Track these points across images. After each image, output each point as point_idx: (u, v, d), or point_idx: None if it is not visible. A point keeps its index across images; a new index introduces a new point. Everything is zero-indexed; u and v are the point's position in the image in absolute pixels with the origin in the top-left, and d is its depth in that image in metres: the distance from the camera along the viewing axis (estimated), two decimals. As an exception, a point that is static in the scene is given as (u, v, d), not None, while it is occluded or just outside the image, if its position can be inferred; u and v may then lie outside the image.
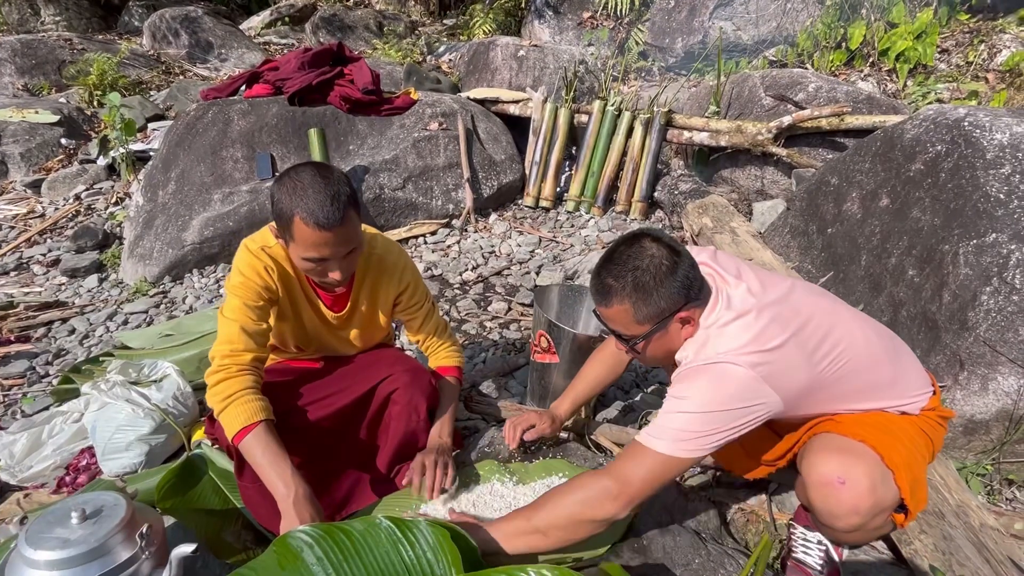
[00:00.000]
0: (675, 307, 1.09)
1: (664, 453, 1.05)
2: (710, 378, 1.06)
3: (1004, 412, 1.55)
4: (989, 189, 1.78)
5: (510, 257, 3.15)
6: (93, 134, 4.67)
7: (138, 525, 1.15)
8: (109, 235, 3.39)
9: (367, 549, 1.03)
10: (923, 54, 4.56)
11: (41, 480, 1.75)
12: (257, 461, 1.19)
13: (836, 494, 1.07)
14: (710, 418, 1.04)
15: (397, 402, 1.39)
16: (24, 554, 1.06)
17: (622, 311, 1.10)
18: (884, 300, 1.99)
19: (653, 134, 3.56)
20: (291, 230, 1.19)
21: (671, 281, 1.08)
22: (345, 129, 3.49)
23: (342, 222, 1.17)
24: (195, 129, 3.38)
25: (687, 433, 1.05)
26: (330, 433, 1.43)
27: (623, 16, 6.08)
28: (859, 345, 1.16)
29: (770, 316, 1.09)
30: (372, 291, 1.45)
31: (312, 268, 1.24)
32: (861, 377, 1.15)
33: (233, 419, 1.20)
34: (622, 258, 1.10)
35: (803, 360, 1.09)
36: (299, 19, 8.14)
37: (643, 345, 1.14)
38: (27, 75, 5.82)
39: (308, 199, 1.15)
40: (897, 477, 1.07)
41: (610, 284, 1.10)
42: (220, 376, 1.24)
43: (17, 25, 7.94)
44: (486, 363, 2.20)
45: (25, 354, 2.38)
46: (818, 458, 1.08)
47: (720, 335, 1.09)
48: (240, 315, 1.28)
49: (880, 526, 1.12)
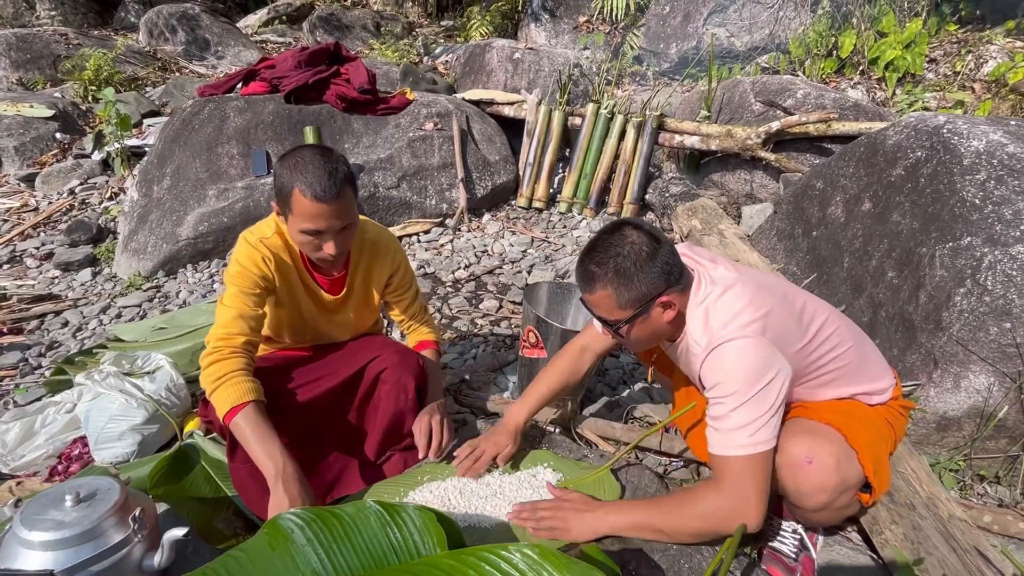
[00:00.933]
0: (656, 292, 1.14)
1: (750, 454, 1.07)
2: (734, 363, 1.09)
3: (975, 409, 1.61)
4: (965, 194, 1.84)
5: (502, 256, 3.19)
6: (88, 129, 4.68)
7: (131, 509, 1.18)
8: (103, 230, 3.40)
9: (356, 531, 1.07)
10: (912, 63, 4.65)
11: (33, 468, 1.77)
12: (247, 439, 1.23)
13: (804, 473, 1.12)
14: (759, 397, 1.07)
15: (386, 381, 1.43)
16: (19, 535, 1.08)
17: (605, 296, 1.14)
18: (864, 301, 2.05)
19: (645, 137, 3.61)
20: (290, 203, 1.25)
21: (651, 266, 1.12)
22: (341, 128, 3.52)
23: (338, 196, 1.25)
24: (191, 125, 3.40)
25: (755, 424, 1.07)
26: (319, 415, 1.46)
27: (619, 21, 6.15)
28: (834, 317, 1.26)
29: (754, 284, 1.17)
30: (366, 273, 1.52)
31: (308, 241, 1.30)
32: (839, 359, 1.22)
33: (224, 399, 1.24)
34: (604, 246, 1.15)
35: (794, 323, 1.18)
36: (296, 18, 8.16)
37: (627, 329, 1.18)
38: (22, 69, 5.82)
39: (308, 173, 1.23)
40: (860, 456, 1.13)
41: (593, 271, 1.14)
42: (213, 358, 1.28)
43: (12, 19, 7.92)
44: (476, 359, 2.23)
45: (18, 346, 2.40)
46: (787, 441, 1.13)
47: (717, 307, 1.14)
48: (236, 302, 1.33)
49: (847, 504, 1.17)
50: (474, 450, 1.38)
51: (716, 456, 1.12)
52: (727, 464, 1.10)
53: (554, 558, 0.83)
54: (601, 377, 2.13)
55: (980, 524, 1.48)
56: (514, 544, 0.87)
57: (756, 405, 1.08)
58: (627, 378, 2.14)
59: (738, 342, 1.09)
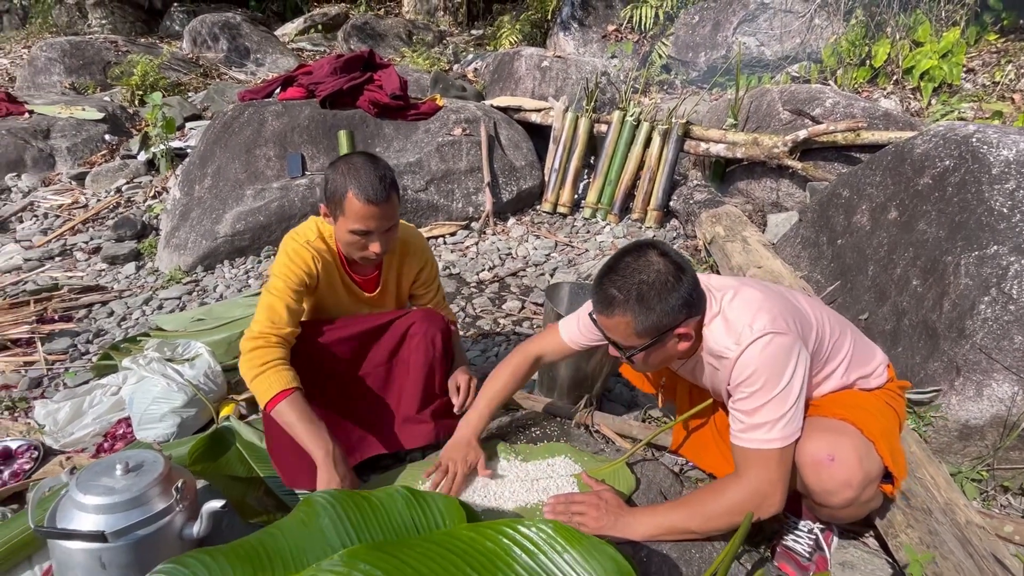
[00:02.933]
0: (675, 323, 1.13)
1: (778, 447, 1.11)
2: (765, 358, 1.11)
3: (998, 418, 1.59)
4: (993, 203, 1.83)
5: (526, 259, 3.24)
6: (135, 131, 4.91)
7: (174, 480, 1.27)
8: (147, 226, 3.57)
9: (384, 512, 1.13)
10: (948, 73, 4.57)
11: (81, 446, 1.88)
12: (293, 425, 1.31)
13: (828, 471, 1.13)
14: (786, 392, 1.11)
15: (415, 335, 1.53)
16: (74, 498, 1.18)
17: (623, 323, 1.12)
18: (888, 309, 2.04)
19: (670, 145, 3.63)
20: (343, 205, 1.36)
21: (674, 297, 1.10)
22: (373, 132, 3.64)
23: (387, 199, 1.36)
24: (231, 128, 3.56)
25: (782, 418, 1.10)
26: (349, 369, 1.55)
27: (647, 30, 6.18)
28: (824, 310, 1.31)
29: (756, 284, 1.21)
30: (399, 270, 1.63)
31: (355, 241, 1.40)
32: (838, 339, 1.27)
33: (268, 385, 1.33)
34: (627, 270, 1.12)
35: (803, 316, 1.21)
36: (332, 27, 8.41)
37: (640, 356, 1.18)
38: (75, 74, 6.14)
39: (360, 178, 1.34)
40: (878, 447, 1.15)
41: (613, 295, 1.12)
42: (256, 344, 1.36)
43: (66, 27, 8.35)
44: (498, 356, 2.29)
45: (68, 332, 2.54)
46: (806, 441, 1.15)
47: (733, 309, 1.16)
48: (283, 295, 1.42)
49: (871, 498, 1.18)
50: (446, 472, 1.34)
51: (741, 448, 1.14)
52: (753, 456, 1.13)
53: (567, 533, 0.87)
54: (618, 377, 2.16)
55: (1001, 534, 1.47)
56: (531, 520, 0.92)
57: (783, 400, 1.11)
58: (646, 379, 2.16)
59: (767, 338, 1.11)
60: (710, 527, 1.15)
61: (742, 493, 1.12)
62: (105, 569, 1.16)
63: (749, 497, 1.12)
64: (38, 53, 6.15)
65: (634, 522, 1.18)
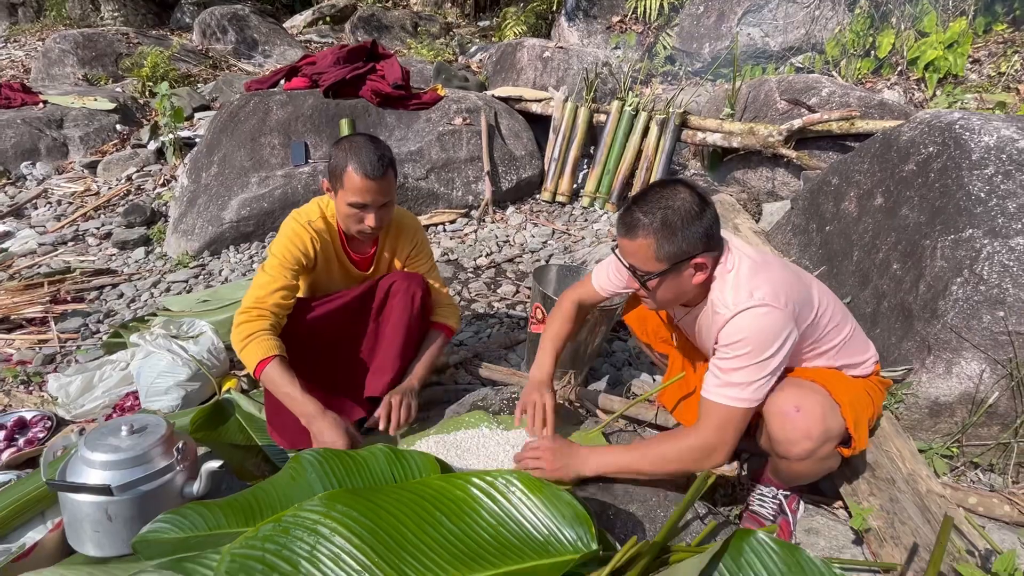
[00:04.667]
0: (694, 251, 1.18)
1: (744, 408, 1.18)
2: (756, 327, 1.16)
3: (967, 395, 1.64)
4: (971, 188, 1.87)
5: (523, 246, 3.31)
6: (145, 121, 5.02)
7: (175, 442, 1.36)
8: (156, 213, 3.68)
9: (366, 467, 1.21)
10: (953, 64, 4.54)
11: (92, 417, 1.98)
12: (279, 386, 1.42)
13: (792, 420, 1.20)
14: (767, 362, 1.17)
15: (396, 292, 1.62)
16: (84, 455, 1.27)
17: (645, 245, 1.18)
18: (869, 292, 2.09)
19: (668, 134, 3.68)
20: (342, 179, 1.46)
21: (696, 226, 1.17)
22: (375, 121, 3.71)
23: (383, 175, 1.46)
24: (237, 117, 3.65)
25: (755, 383, 1.18)
26: (341, 333, 1.65)
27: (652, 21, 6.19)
28: (830, 299, 1.36)
29: (777, 262, 1.27)
30: (392, 249, 1.72)
31: (353, 214, 1.49)
32: (836, 328, 1.33)
33: (252, 354, 1.43)
34: (655, 196, 1.19)
35: (808, 300, 1.27)
36: (340, 18, 8.47)
37: (656, 283, 1.23)
38: (87, 66, 6.26)
39: (360, 154, 1.44)
40: (843, 410, 1.23)
41: (639, 218, 1.17)
42: (244, 318, 1.46)
43: (79, 19, 8.48)
44: (491, 337, 2.36)
45: (80, 312, 2.65)
46: (777, 394, 1.23)
47: (745, 275, 1.21)
48: (276, 272, 1.52)
49: (828, 456, 1.25)
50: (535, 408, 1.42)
51: (710, 402, 1.21)
52: (715, 410, 1.20)
53: (529, 482, 0.95)
54: (607, 358, 2.23)
55: (965, 505, 1.52)
56: (504, 471, 0.99)
57: (761, 368, 1.18)
58: (632, 360, 2.23)
59: (764, 309, 1.17)
60: (658, 470, 1.22)
61: (694, 442, 1.20)
62: (111, 521, 1.25)
63: (700, 447, 1.19)
64: (52, 45, 6.27)
65: (588, 458, 1.26)
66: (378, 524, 0.87)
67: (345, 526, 0.86)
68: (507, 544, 0.89)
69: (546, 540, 0.89)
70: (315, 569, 0.82)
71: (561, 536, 0.90)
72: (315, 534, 0.84)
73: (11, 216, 3.80)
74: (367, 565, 0.82)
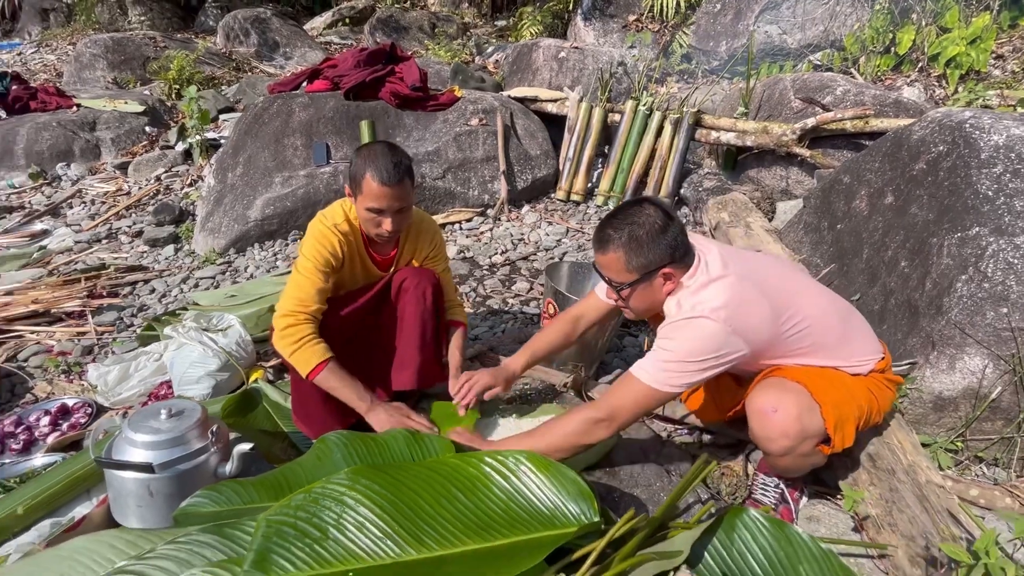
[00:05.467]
0: (661, 262, 1.29)
1: (648, 385, 1.25)
2: (691, 330, 1.24)
3: (970, 390, 1.68)
4: (980, 186, 1.89)
5: (537, 244, 3.38)
6: (172, 123, 5.19)
7: (210, 425, 1.46)
8: (184, 212, 3.82)
9: (387, 449, 1.30)
10: (976, 60, 4.48)
11: (128, 404, 2.11)
12: (337, 388, 1.54)
13: (770, 420, 1.27)
14: (688, 364, 1.24)
15: (407, 289, 1.71)
16: (127, 436, 1.37)
17: (616, 259, 1.29)
18: (878, 290, 2.12)
19: (681, 133, 3.71)
20: (361, 185, 1.55)
21: (661, 239, 1.27)
22: (393, 122, 3.81)
23: (400, 182, 1.54)
24: (261, 119, 3.77)
25: (668, 374, 1.25)
26: (361, 327, 1.75)
27: (669, 19, 6.20)
28: (816, 311, 1.36)
29: (745, 280, 1.29)
30: (412, 251, 1.81)
31: (371, 218, 1.58)
32: (813, 338, 1.34)
33: (306, 359, 1.54)
34: (623, 214, 1.30)
35: (771, 318, 1.29)
36: (359, 20, 8.61)
37: (628, 293, 1.33)
38: (116, 69, 6.47)
39: (378, 163, 1.53)
40: (823, 411, 1.26)
41: (609, 234, 1.30)
42: (289, 321, 1.55)
43: (108, 24, 8.75)
44: (505, 331, 2.44)
45: (115, 307, 2.79)
46: (757, 393, 1.28)
47: (701, 293, 1.27)
48: (312, 275, 1.60)
49: (809, 453, 1.30)
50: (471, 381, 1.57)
51: (627, 374, 1.29)
52: (623, 382, 1.28)
53: (538, 461, 1.02)
54: (618, 353, 2.30)
55: (967, 497, 1.56)
56: (513, 451, 1.07)
57: (683, 366, 1.24)
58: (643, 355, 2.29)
59: (701, 321, 1.23)
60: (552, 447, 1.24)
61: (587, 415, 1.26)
62: (152, 497, 1.35)
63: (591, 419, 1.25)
64: (83, 49, 6.50)
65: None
66: (398, 496, 0.95)
67: (368, 498, 0.94)
68: (516, 517, 0.96)
69: (552, 513, 0.97)
70: (342, 535, 0.90)
71: (566, 510, 0.97)
72: (341, 504, 0.93)
73: (48, 215, 3.98)
74: (388, 532, 0.90)
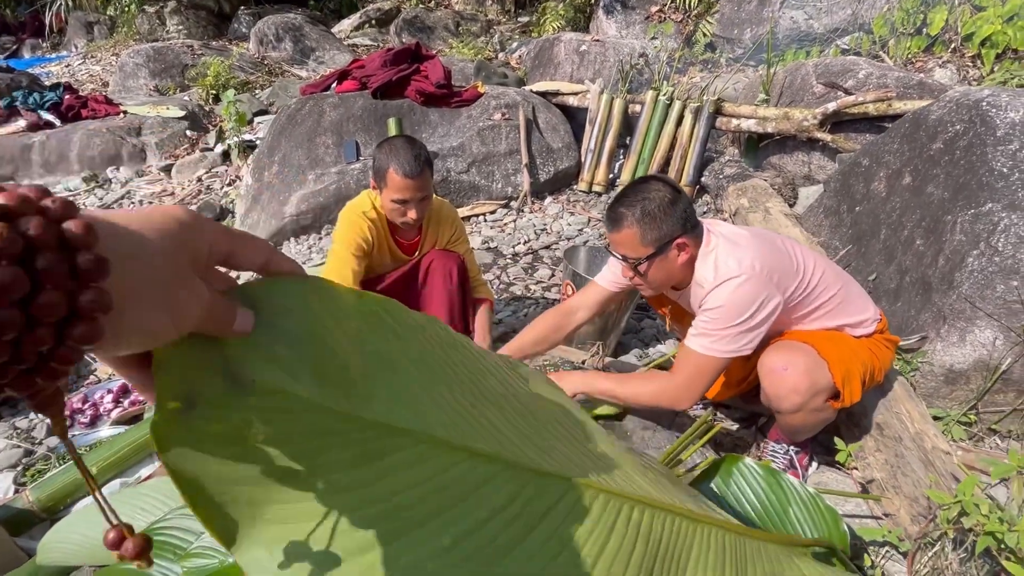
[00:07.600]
0: (674, 234, 1.35)
1: (718, 357, 1.33)
2: (736, 291, 1.31)
3: (981, 362, 1.70)
4: (995, 164, 1.91)
5: (559, 234, 3.47)
6: (211, 127, 5.45)
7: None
8: (224, 210, 4.04)
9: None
10: (1013, 38, 4.36)
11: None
12: None
13: (781, 378, 1.35)
14: (742, 324, 1.31)
15: (435, 270, 1.83)
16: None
17: (631, 235, 1.35)
18: (894, 269, 2.15)
19: (701, 122, 3.74)
20: (385, 179, 1.67)
21: (672, 211, 1.34)
22: (419, 119, 3.94)
23: (420, 174, 1.65)
24: (294, 120, 3.96)
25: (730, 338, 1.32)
26: None
27: (692, 8, 6.18)
28: (818, 272, 1.45)
29: (753, 235, 1.39)
30: (435, 235, 1.93)
31: (396, 208, 1.70)
32: (819, 299, 1.43)
33: None
34: (633, 192, 1.36)
35: (789, 266, 1.39)
36: (385, 21, 8.81)
37: (646, 267, 1.39)
38: (158, 77, 6.80)
39: (399, 156, 1.64)
40: (830, 366, 1.34)
41: (622, 212, 1.35)
42: None
43: (147, 34, 9.15)
44: (527, 315, 2.55)
45: (165, 298, 3.00)
46: (768, 355, 1.37)
47: (727, 253, 1.35)
48: (346, 258, 1.74)
49: (820, 408, 1.37)
50: None
51: (687, 349, 1.36)
52: (691, 358, 1.34)
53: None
54: (636, 335, 2.38)
55: (975, 466, 1.60)
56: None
57: (736, 329, 1.31)
58: (660, 336, 2.36)
59: (740, 279, 1.30)
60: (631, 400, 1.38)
61: (668, 384, 1.35)
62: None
63: (672, 389, 1.34)
64: (127, 59, 6.85)
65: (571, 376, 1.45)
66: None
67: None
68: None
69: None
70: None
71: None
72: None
73: (101, 215, 4.25)
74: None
